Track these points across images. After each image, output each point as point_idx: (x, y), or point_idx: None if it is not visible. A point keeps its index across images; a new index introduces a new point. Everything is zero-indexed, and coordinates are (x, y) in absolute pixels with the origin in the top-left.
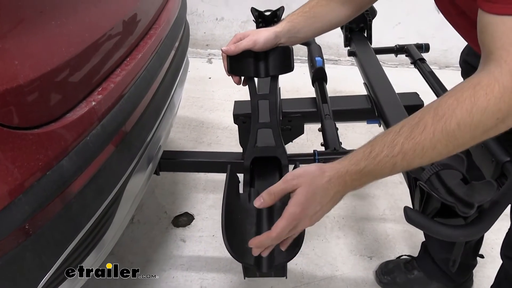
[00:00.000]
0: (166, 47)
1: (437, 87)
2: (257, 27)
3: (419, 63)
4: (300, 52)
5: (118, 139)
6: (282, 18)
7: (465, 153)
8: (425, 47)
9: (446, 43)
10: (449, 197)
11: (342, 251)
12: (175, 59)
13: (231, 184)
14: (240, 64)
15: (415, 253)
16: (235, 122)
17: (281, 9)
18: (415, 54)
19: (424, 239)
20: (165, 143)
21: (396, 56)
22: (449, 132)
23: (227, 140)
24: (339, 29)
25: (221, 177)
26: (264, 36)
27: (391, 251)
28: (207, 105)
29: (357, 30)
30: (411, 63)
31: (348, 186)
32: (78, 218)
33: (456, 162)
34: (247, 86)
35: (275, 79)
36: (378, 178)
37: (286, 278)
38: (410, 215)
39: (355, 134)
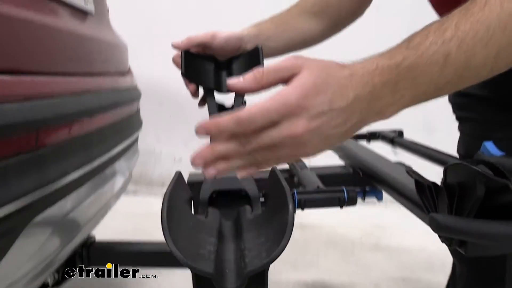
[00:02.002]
0: (110, 101)
1: (431, 151)
2: None
3: (398, 139)
4: None
5: (11, 147)
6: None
7: None
8: (399, 133)
9: None
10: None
11: None
12: (119, 125)
13: (177, 187)
14: (198, 70)
15: None
16: None
17: None
18: (390, 135)
19: None
20: (92, 228)
21: (369, 143)
22: None
23: None
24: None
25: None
26: (227, 33)
27: None
28: (158, 235)
29: None
30: (389, 142)
31: (375, 93)
32: None
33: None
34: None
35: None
36: (421, 87)
37: None
38: (442, 221)
39: None
